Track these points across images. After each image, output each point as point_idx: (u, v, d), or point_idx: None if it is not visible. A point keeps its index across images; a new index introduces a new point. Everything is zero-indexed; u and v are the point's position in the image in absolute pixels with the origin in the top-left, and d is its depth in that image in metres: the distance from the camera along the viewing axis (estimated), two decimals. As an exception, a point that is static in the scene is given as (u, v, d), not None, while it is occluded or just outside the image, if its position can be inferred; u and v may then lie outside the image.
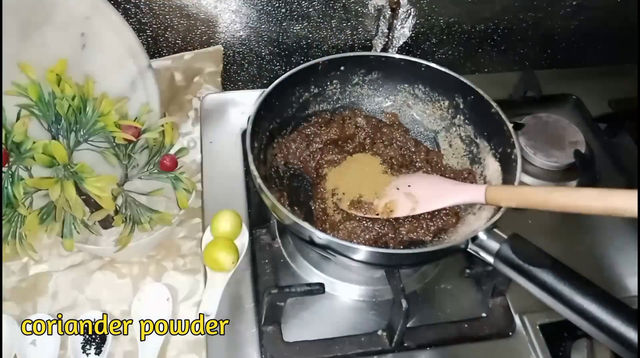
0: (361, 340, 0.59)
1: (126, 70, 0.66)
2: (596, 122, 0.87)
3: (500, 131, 0.63)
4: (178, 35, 0.81)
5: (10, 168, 0.57)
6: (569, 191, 0.47)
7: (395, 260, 0.55)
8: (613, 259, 0.71)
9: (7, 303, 0.64)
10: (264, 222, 0.68)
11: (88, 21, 0.62)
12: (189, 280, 0.67)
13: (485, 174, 0.66)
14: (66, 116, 0.59)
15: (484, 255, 0.53)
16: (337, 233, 0.62)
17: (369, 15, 0.82)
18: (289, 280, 0.65)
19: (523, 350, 0.61)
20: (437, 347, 0.60)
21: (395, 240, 0.62)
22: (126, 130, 0.61)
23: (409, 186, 0.63)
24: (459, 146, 0.70)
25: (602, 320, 0.44)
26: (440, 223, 0.63)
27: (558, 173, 0.80)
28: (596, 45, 0.97)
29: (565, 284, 0.47)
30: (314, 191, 0.67)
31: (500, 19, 0.88)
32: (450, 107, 0.71)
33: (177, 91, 0.85)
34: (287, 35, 0.83)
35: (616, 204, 0.43)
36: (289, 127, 0.70)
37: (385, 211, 0.61)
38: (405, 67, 0.71)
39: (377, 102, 0.75)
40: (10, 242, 0.60)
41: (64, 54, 0.62)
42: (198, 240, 0.70)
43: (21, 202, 0.58)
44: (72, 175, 0.58)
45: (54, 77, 0.59)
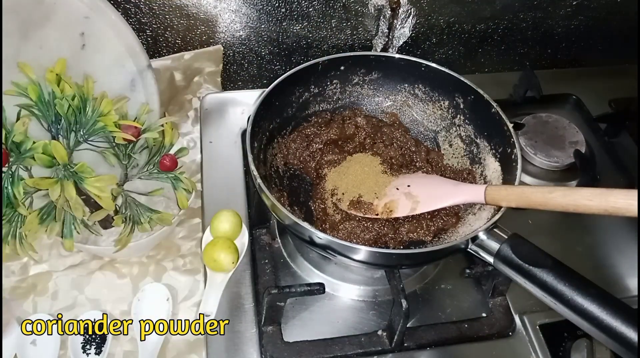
0: (361, 340, 0.59)
1: (126, 70, 0.66)
2: (596, 122, 0.87)
3: (501, 131, 0.63)
4: (178, 35, 0.81)
5: (10, 168, 0.57)
6: (568, 190, 0.47)
7: (395, 260, 0.55)
8: (613, 259, 0.71)
9: (7, 303, 0.64)
10: (264, 222, 0.68)
11: (88, 21, 0.62)
12: (188, 280, 0.67)
13: (485, 174, 0.66)
14: (66, 116, 0.59)
15: (484, 255, 0.53)
16: (337, 233, 0.62)
17: (369, 15, 0.82)
18: (289, 280, 0.65)
19: (523, 350, 0.61)
20: (437, 347, 0.60)
21: (395, 240, 0.62)
22: (126, 130, 0.61)
23: (408, 186, 0.63)
24: (459, 146, 0.70)
25: (602, 320, 0.44)
26: (440, 223, 0.63)
27: (558, 173, 0.80)
28: (596, 45, 0.97)
29: (565, 284, 0.47)
30: (314, 191, 0.67)
31: (500, 19, 0.88)
32: (451, 107, 0.71)
33: (177, 90, 0.85)
34: (287, 35, 0.83)
35: (616, 203, 0.43)
36: (289, 127, 0.70)
37: (385, 212, 0.61)
38: (405, 67, 0.71)
39: (377, 102, 0.75)
40: (10, 242, 0.60)
41: (63, 54, 0.62)
42: (198, 240, 0.70)
43: (21, 202, 0.58)
44: (72, 175, 0.58)
45: (54, 77, 0.59)
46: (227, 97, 0.85)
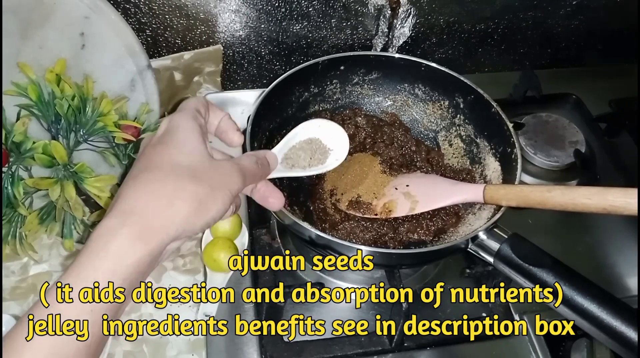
0: (361, 340, 0.59)
1: (125, 70, 0.66)
2: (596, 122, 0.87)
3: (501, 130, 0.63)
4: (177, 35, 0.81)
5: (10, 168, 0.57)
6: (567, 189, 0.47)
7: (395, 260, 0.55)
8: (613, 259, 0.71)
9: (7, 303, 0.64)
10: (264, 222, 0.68)
11: (87, 21, 0.62)
12: (188, 280, 0.67)
13: (485, 173, 0.66)
14: (66, 116, 0.60)
15: (484, 255, 0.53)
16: (336, 233, 0.62)
17: (369, 15, 0.82)
18: (289, 280, 0.65)
19: (523, 350, 0.61)
20: (437, 347, 0.60)
21: (395, 240, 0.62)
22: (126, 130, 0.61)
23: (407, 186, 0.63)
24: (459, 146, 0.70)
25: (602, 320, 0.44)
26: (440, 223, 0.63)
27: (558, 173, 0.80)
28: (596, 45, 0.96)
29: (565, 284, 0.47)
30: (313, 191, 0.67)
31: (500, 19, 0.88)
32: (451, 107, 0.71)
33: (177, 90, 0.85)
34: (287, 34, 0.83)
35: (614, 202, 0.43)
36: (289, 127, 0.70)
37: (384, 211, 0.61)
38: (405, 67, 0.71)
39: (377, 102, 0.75)
40: (10, 242, 0.60)
41: (63, 54, 0.62)
42: (198, 240, 0.70)
43: (21, 202, 0.58)
44: (71, 175, 0.58)
45: (54, 77, 0.59)
46: (227, 97, 0.85)
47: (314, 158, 0.53)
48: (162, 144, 0.39)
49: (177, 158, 0.38)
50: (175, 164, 0.38)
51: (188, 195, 0.36)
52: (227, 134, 0.45)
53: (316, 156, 0.53)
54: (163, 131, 0.40)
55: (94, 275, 0.33)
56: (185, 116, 0.41)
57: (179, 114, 0.41)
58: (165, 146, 0.39)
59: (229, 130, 0.45)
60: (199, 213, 0.37)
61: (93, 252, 0.34)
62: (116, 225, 0.34)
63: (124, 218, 0.35)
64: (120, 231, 0.34)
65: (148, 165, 0.38)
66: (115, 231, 0.34)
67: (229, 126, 0.45)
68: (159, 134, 0.40)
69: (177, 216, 0.36)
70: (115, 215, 0.35)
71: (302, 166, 0.52)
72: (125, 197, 0.36)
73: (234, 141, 0.46)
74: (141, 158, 0.39)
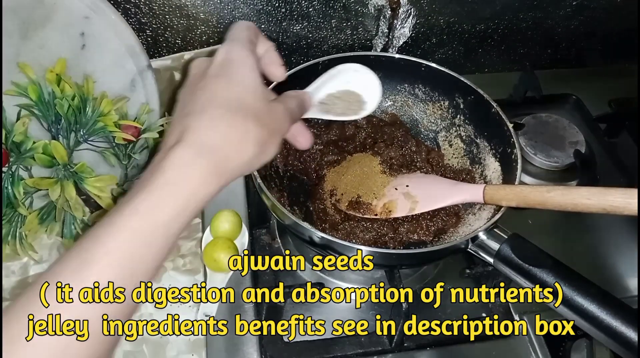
0: (361, 340, 0.59)
1: (126, 70, 0.66)
2: (596, 123, 0.87)
3: (501, 131, 0.63)
4: (178, 35, 0.81)
5: (10, 168, 0.57)
6: (567, 189, 0.47)
7: (395, 260, 0.55)
8: (613, 259, 0.71)
9: (7, 303, 0.64)
10: (264, 222, 0.68)
11: (88, 21, 0.62)
12: (188, 280, 0.67)
13: (485, 174, 0.66)
14: (66, 116, 0.60)
15: (484, 255, 0.53)
16: (336, 233, 0.62)
17: (369, 15, 0.82)
18: (289, 280, 0.65)
19: (523, 350, 0.61)
20: (437, 347, 0.60)
21: (395, 240, 0.62)
22: (126, 130, 0.61)
23: (407, 187, 0.63)
24: (459, 146, 0.70)
25: (602, 320, 0.44)
26: (441, 223, 0.62)
27: (558, 173, 0.80)
28: (596, 45, 0.96)
29: (565, 284, 0.47)
30: (314, 191, 0.67)
31: (500, 19, 0.88)
32: (451, 107, 0.71)
33: (177, 90, 0.85)
34: (287, 35, 0.83)
35: (614, 202, 0.43)
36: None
37: (384, 212, 0.61)
38: (405, 67, 0.71)
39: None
40: (10, 242, 0.60)
41: (63, 54, 0.62)
42: (198, 240, 0.70)
43: (21, 202, 0.58)
44: (72, 175, 0.58)
45: (54, 77, 0.59)
46: (227, 97, 0.85)
47: (350, 109, 0.54)
48: (224, 78, 0.39)
49: (242, 96, 0.38)
50: (242, 104, 0.38)
51: (254, 138, 0.37)
52: (270, 68, 0.44)
53: (352, 107, 0.54)
54: (221, 62, 0.40)
55: (174, 202, 0.33)
56: (243, 48, 0.40)
57: (236, 45, 0.41)
58: (229, 82, 0.38)
59: (273, 64, 0.44)
60: (259, 156, 0.38)
61: (170, 180, 0.33)
62: (193, 156, 0.34)
63: (199, 149, 0.35)
64: (199, 162, 0.34)
65: (213, 100, 0.37)
66: (193, 162, 0.34)
67: (274, 59, 0.44)
68: (216, 63, 0.40)
69: (245, 157, 0.37)
70: (190, 145, 0.35)
71: (337, 113, 0.53)
72: (196, 129, 0.36)
73: (277, 75, 0.45)
74: (204, 88, 0.38)
